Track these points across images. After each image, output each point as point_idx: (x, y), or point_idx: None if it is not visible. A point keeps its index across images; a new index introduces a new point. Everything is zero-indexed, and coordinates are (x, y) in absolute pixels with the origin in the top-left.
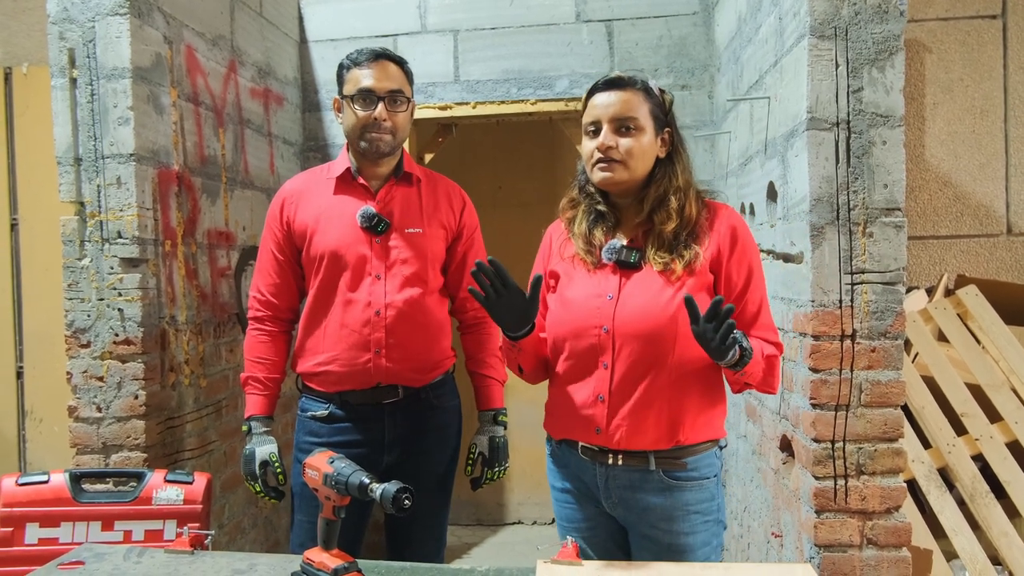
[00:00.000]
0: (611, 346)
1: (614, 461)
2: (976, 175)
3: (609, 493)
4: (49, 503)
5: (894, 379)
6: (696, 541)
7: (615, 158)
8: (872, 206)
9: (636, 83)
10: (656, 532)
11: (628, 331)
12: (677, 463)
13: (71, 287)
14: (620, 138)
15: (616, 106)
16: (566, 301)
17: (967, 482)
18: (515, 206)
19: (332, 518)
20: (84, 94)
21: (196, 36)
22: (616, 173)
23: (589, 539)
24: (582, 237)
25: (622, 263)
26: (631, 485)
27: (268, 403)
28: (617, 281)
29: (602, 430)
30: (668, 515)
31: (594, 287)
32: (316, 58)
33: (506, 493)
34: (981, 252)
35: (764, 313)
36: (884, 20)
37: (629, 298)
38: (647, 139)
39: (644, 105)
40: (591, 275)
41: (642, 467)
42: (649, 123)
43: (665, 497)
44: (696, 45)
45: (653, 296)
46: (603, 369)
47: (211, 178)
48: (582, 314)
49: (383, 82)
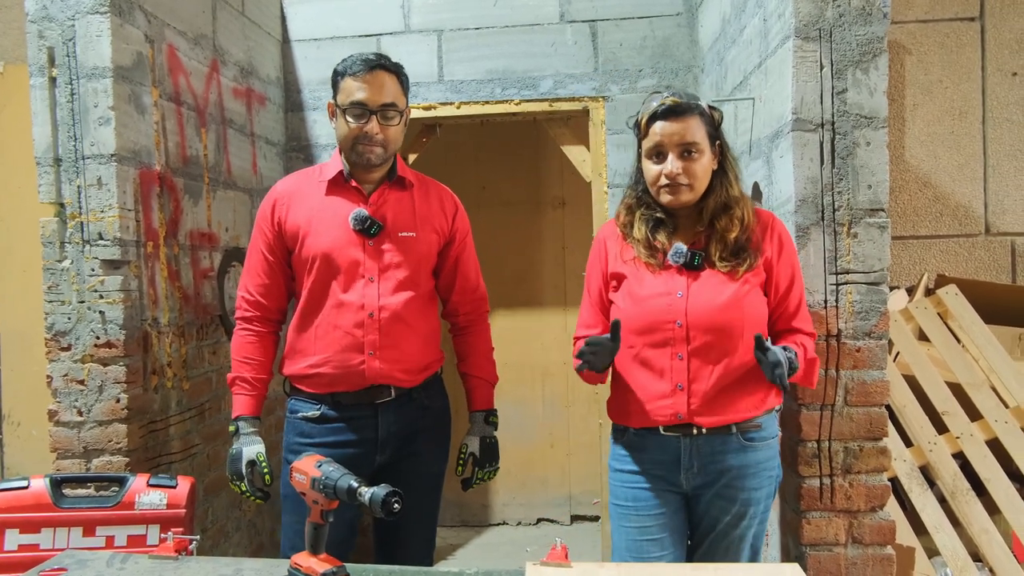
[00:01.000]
0: (685, 338)
1: (698, 432)
2: (955, 176)
3: (691, 463)
4: (29, 509)
5: (879, 379)
6: (763, 495)
7: (683, 183)
8: (856, 207)
9: (694, 109)
10: (730, 491)
11: (700, 324)
12: (752, 424)
13: (51, 289)
14: (684, 163)
15: (680, 134)
16: (639, 299)
17: (948, 480)
18: (499, 206)
19: (320, 522)
20: (64, 93)
21: (178, 35)
22: (683, 196)
23: (658, 516)
24: (643, 242)
25: (688, 265)
26: (712, 451)
27: (256, 403)
28: (684, 281)
29: (684, 416)
30: (742, 473)
31: (662, 286)
32: (299, 57)
33: (491, 494)
34: (960, 252)
35: (803, 308)
36: (868, 22)
37: (698, 295)
38: (707, 159)
39: (701, 128)
40: (657, 276)
41: (724, 433)
42: (707, 144)
43: (740, 457)
44: (680, 46)
45: (719, 292)
46: (678, 360)
47: (193, 179)
48: (656, 310)
49: (376, 96)
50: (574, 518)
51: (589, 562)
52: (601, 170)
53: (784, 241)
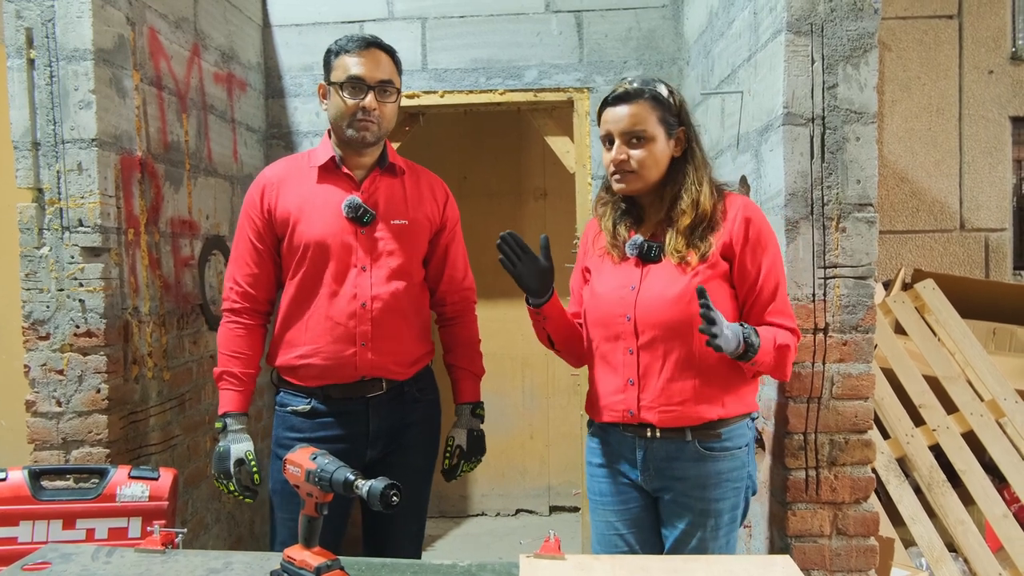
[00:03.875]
0: (634, 333)
1: (652, 435)
2: (931, 172)
3: (647, 465)
4: (7, 501)
5: (865, 372)
6: (725, 506)
7: (628, 169)
8: (845, 201)
9: (644, 94)
10: (688, 499)
11: (648, 319)
12: (711, 434)
13: (29, 277)
14: (632, 150)
15: (625, 120)
16: (595, 293)
17: (924, 471)
18: (481, 196)
19: (314, 515)
20: (43, 76)
21: (159, 18)
22: (630, 184)
23: (622, 512)
24: (608, 233)
25: (643, 256)
26: (667, 456)
27: (243, 399)
28: (639, 273)
29: (634, 413)
30: (701, 483)
31: (619, 279)
32: (280, 43)
33: (470, 485)
34: (935, 247)
35: (779, 299)
36: (859, 17)
37: (648, 288)
38: (658, 147)
39: (652, 114)
40: (616, 267)
41: (679, 439)
42: (659, 130)
43: (699, 467)
44: (665, 38)
45: (668, 285)
46: (629, 355)
47: (174, 165)
48: (608, 304)
49: (374, 71)
50: (553, 509)
51: (582, 554)
52: (585, 161)
53: (753, 225)
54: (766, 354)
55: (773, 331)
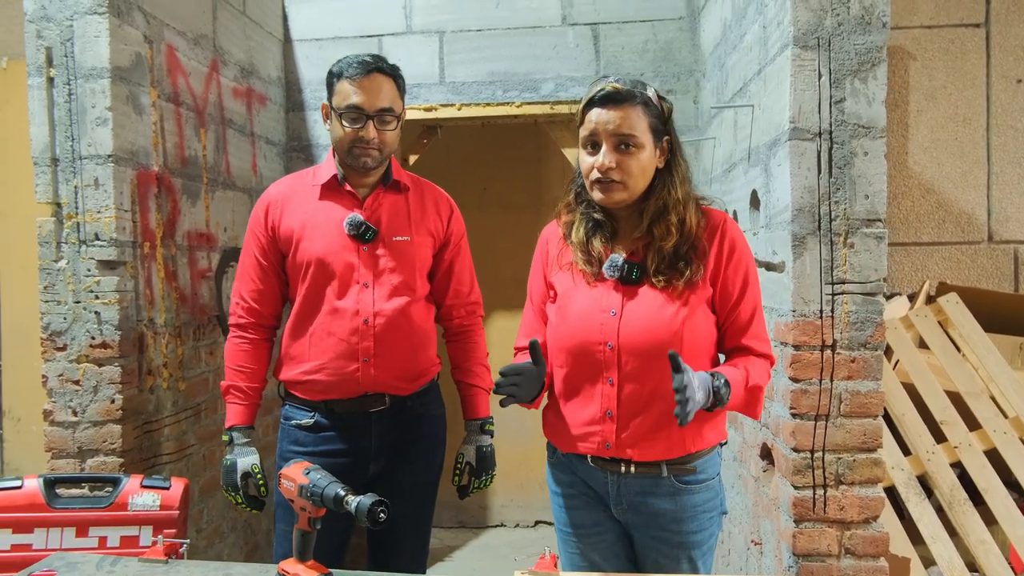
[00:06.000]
0: (616, 362)
1: (626, 470)
2: (958, 183)
3: (620, 500)
4: (22, 509)
5: (873, 390)
6: (703, 537)
7: (615, 178)
8: (853, 216)
9: (635, 97)
10: (665, 534)
11: (633, 347)
12: (687, 468)
13: (47, 289)
14: (619, 156)
15: (615, 123)
16: (567, 317)
17: (946, 490)
18: (500, 208)
19: (308, 529)
20: (62, 94)
21: (177, 35)
22: (615, 194)
23: (595, 543)
24: (580, 247)
25: (624, 279)
26: (642, 491)
27: (249, 412)
28: (620, 298)
29: (612, 445)
30: (678, 517)
31: (596, 302)
32: (300, 57)
33: (489, 496)
34: (963, 259)
35: (756, 323)
36: (867, 31)
37: (633, 315)
38: (646, 155)
39: (643, 120)
40: (592, 288)
41: (654, 474)
42: (648, 138)
43: (675, 501)
44: (682, 50)
45: (656, 312)
46: (608, 385)
47: (192, 179)
48: (585, 330)
49: (373, 100)
50: None
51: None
52: None
53: (737, 247)
54: (736, 399)
55: (746, 368)
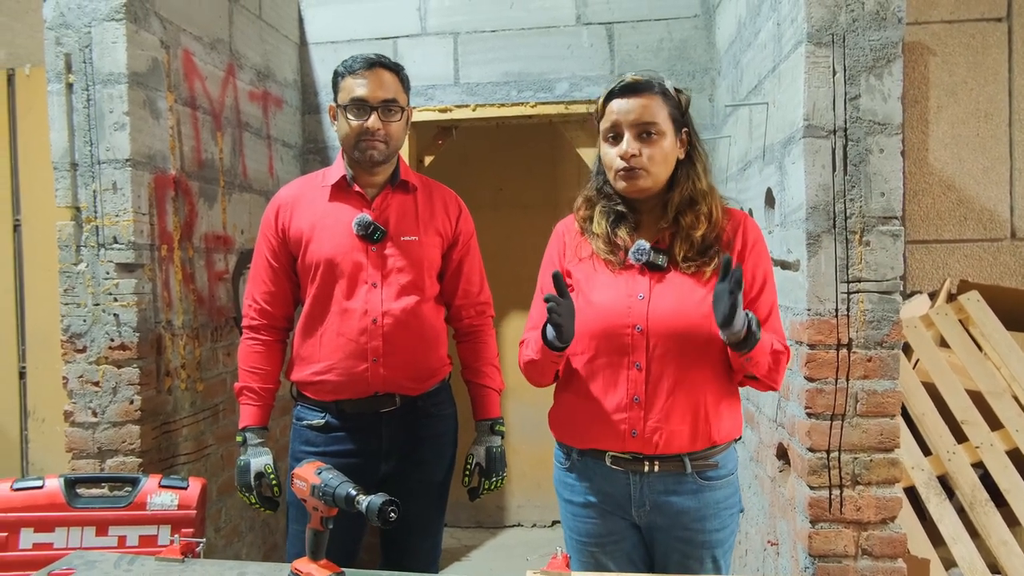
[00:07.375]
0: (644, 346)
1: (650, 468)
2: (980, 179)
3: (643, 501)
4: (43, 508)
5: (890, 389)
6: (724, 535)
7: (638, 166)
8: (869, 214)
9: (654, 87)
10: (689, 533)
11: (663, 329)
12: (708, 463)
13: (67, 292)
14: (642, 145)
15: (636, 112)
16: (592, 302)
17: (967, 490)
18: (516, 208)
19: (320, 529)
20: (80, 99)
21: (194, 40)
22: (640, 181)
23: (612, 552)
24: (603, 238)
25: (651, 265)
26: (665, 490)
27: (262, 413)
28: (647, 281)
29: (638, 433)
30: (701, 515)
31: (623, 288)
32: (316, 60)
33: (506, 496)
34: (985, 257)
35: (774, 318)
36: (882, 27)
37: (661, 298)
38: (668, 143)
39: (663, 109)
40: (617, 275)
41: (677, 471)
42: (669, 127)
43: (698, 499)
44: (697, 48)
45: (687, 295)
46: (636, 370)
47: (208, 182)
48: (612, 315)
49: (376, 91)
50: None
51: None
52: None
53: (756, 242)
54: (763, 353)
55: (770, 336)
